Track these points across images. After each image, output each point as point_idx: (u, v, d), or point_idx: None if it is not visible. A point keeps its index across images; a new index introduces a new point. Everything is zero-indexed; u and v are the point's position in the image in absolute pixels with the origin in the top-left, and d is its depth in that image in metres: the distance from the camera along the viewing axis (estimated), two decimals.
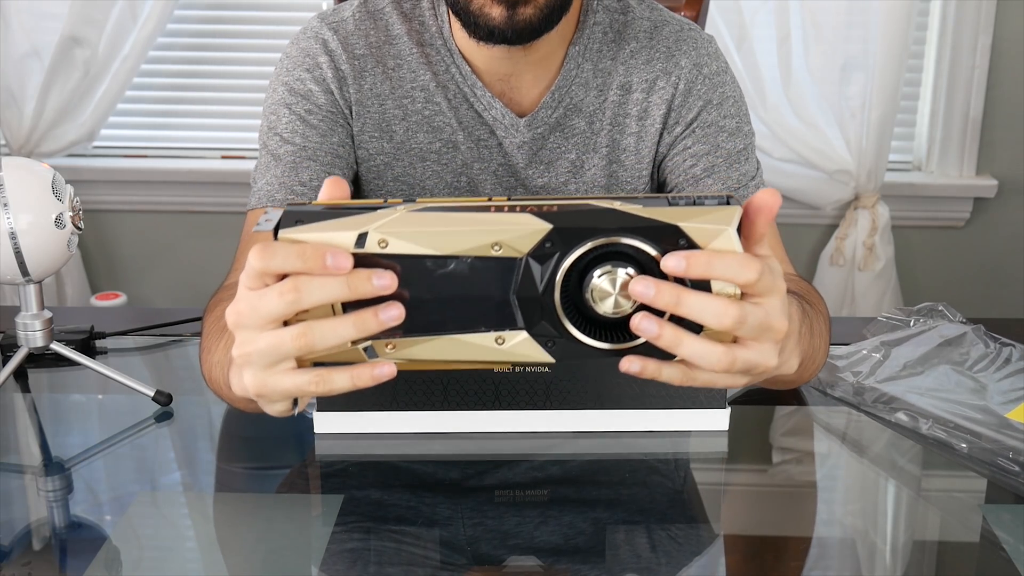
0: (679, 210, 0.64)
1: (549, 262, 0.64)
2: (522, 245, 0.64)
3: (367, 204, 0.65)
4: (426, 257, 0.64)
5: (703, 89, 1.09)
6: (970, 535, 0.86)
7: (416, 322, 0.66)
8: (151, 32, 2.25)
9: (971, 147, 2.32)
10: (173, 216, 2.42)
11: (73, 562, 0.81)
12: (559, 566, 0.79)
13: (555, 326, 0.66)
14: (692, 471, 0.95)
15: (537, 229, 0.64)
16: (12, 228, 0.95)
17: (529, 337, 0.66)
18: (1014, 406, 0.98)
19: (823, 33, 2.21)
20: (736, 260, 0.64)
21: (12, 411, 1.04)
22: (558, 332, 0.66)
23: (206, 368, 0.93)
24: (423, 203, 0.66)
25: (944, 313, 1.16)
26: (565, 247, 0.64)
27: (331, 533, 0.82)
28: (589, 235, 0.64)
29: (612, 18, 1.10)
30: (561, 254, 0.64)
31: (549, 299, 0.65)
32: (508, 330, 0.66)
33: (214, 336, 0.91)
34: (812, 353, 0.91)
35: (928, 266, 2.42)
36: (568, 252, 0.64)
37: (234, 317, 0.67)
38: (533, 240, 0.64)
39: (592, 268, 0.64)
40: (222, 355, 0.86)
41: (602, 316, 0.65)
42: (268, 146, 1.08)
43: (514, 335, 0.66)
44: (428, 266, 0.64)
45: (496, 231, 0.64)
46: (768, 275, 0.65)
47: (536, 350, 0.66)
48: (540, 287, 0.65)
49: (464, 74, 1.07)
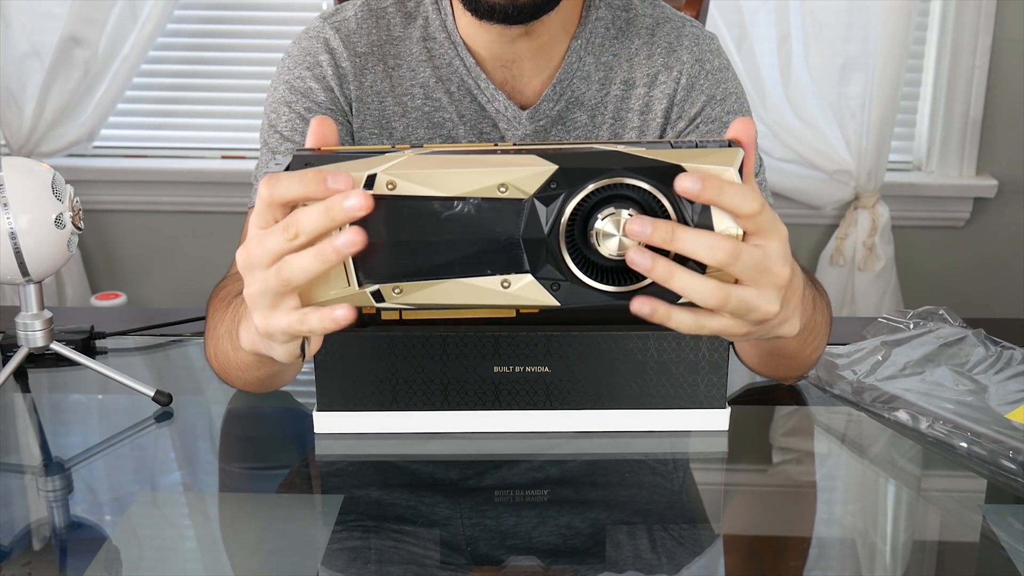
0: (682, 151, 0.65)
1: (554, 203, 0.65)
2: (528, 185, 0.65)
3: (375, 149, 0.66)
4: (433, 199, 0.65)
5: (706, 84, 1.10)
6: (970, 535, 0.86)
7: (423, 266, 0.66)
8: (151, 32, 2.25)
9: (971, 147, 2.32)
10: (173, 216, 2.42)
11: (73, 562, 0.81)
12: (558, 566, 0.79)
13: (560, 269, 0.66)
14: (692, 471, 0.95)
15: (543, 170, 0.65)
16: (12, 228, 0.95)
17: (534, 280, 0.67)
18: (1014, 407, 0.98)
19: (823, 33, 2.21)
20: (742, 190, 0.65)
21: (12, 411, 1.04)
22: (563, 275, 0.67)
23: (211, 345, 0.95)
24: (430, 148, 0.66)
25: (945, 317, 1.17)
26: (570, 187, 0.65)
27: (331, 533, 0.82)
28: (593, 175, 0.65)
29: (614, 14, 1.11)
30: (566, 195, 0.65)
31: (554, 241, 0.66)
32: (513, 273, 0.67)
33: (219, 313, 0.94)
34: (814, 327, 0.91)
35: (928, 266, 2.42)
36: (573, 193, 0.65)
37: (243, 256, 0.68)
38: (539, 180, 0.65)
39: (596, 211, 0.65)
40: (230, 322, 0.89)
41: (606, 260, 0.66)
42: (269, 144, 1.09)
43: (519, 278, 0.67)
44: (435, 208, 0.65)
45: (502, 172, 0.65)
46: (769, 214, 0.66)
47: (541, 293, 0.67)
48: (545, 228, 0.65)
49: (468, 66, 1.08)
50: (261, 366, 0.89)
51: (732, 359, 0.96)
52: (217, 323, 0.94)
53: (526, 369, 0.94)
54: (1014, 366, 1.06)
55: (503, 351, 0.93)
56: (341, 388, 0.95)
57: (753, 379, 1.09)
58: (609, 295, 0.67)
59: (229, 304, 0.92)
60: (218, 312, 0.95)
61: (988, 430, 0.94)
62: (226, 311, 0.92)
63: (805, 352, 0.97)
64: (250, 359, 0.87)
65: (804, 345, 0.94)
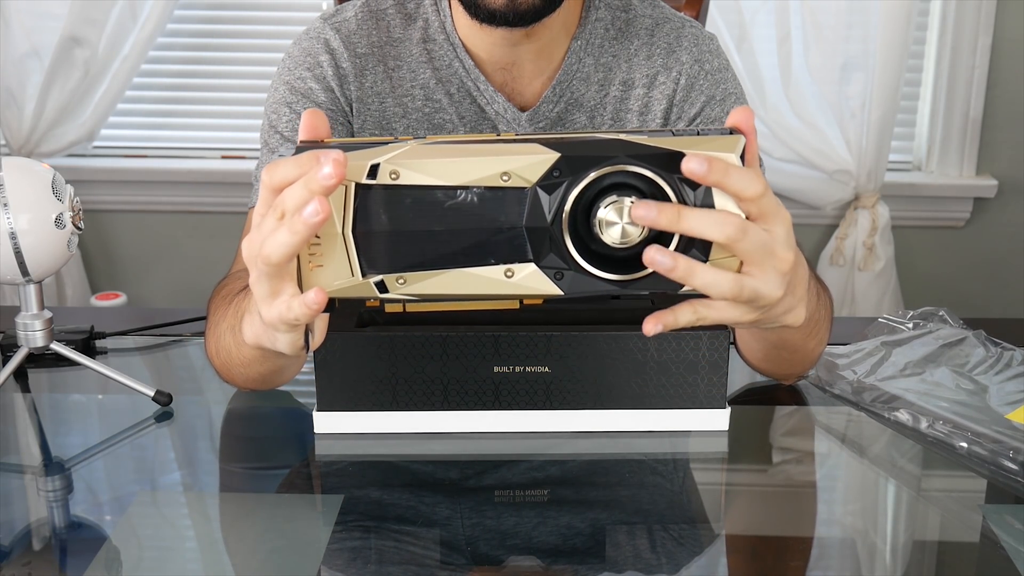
0: (684, 139, 0.65)
1: (557, 191, 0.65)
2: (530, 174, 0.65)
3: (378, 140, 0.66)
4: (436, 188, 0.65)
5: (706, 85, 1.10)
6: (970, 535, 0.86)
7: (426, 256, 0.66)
8: (151, 32, 2.25)
9: (971, 147, 2.32)
10: (173, 216, 2.42)
11: (73, 562, 0.81)
12: (558, 566, 0.79)
13: (563, 257, 0.66)
14: (692, 471, 0.95)
15: (545, 158, 0.65)
16: (12, 228, 0.95)
17: (538, 269, 0.67)
18: (1015, 407, 0.98)
19: (823, 33, 2.21)
20: (747, 173, 0.65)
21: (12, 411, 1.04)
22: (566, 263, 0.67)
23: (213, 342, 0.95)
24: (433, 139, 0.66)
25: (945, 318, 1.17)
26: (573, 175, 0.65)
27: (331, 533, 0.82)
28: (596, 163, 0.65)
29: (614, 15, 1.11)
30: (569, 183, 0.65)
31: (557, 229, 0.66)
32: (517, 263, 0.67)
33: (220, 310, 0.94)
34: (818, 320, 0.91)
35: (928, 266, 2.42)
36: (576, 181, 0.65)
37: (246, 246, 0.69)
38: (541, 169, 0.65)
39: (599, 199, 0.65)
40: (232, 318, 0.89)
41: (609, 248, 0.66)
42: (269, 144, 1.09)
43: (523, 267, 0.67)
44: (438, 197, 0.65)
45: (505, 160, 0.65)
46: (772, 199, 0.67)
47: (544, 282, 0.67)
48: (549, 217, 0.66)
49: (467, 68, 1.08)
50: (264, 361, 0.90)
51: (733, 359, 0.96)
52: (219, 320, 0.94)
53: (526, 369, 0.94)
54: (1014, 367, 1.06)
55: (503, 351, 0.93)
56: (341, 388, 0.95)
57: (753, 379, 1.09)
58: (613, 283, 0.67)
59: (231, 301, 0.92)
60: (219, 309, 0.95)
61: (988, 430, 0.94)
62: (227, 308, 0.92)
63: (809, 346, 0.97)
64: (254, 354, 0.87)
65: (808, 338, 0.94)
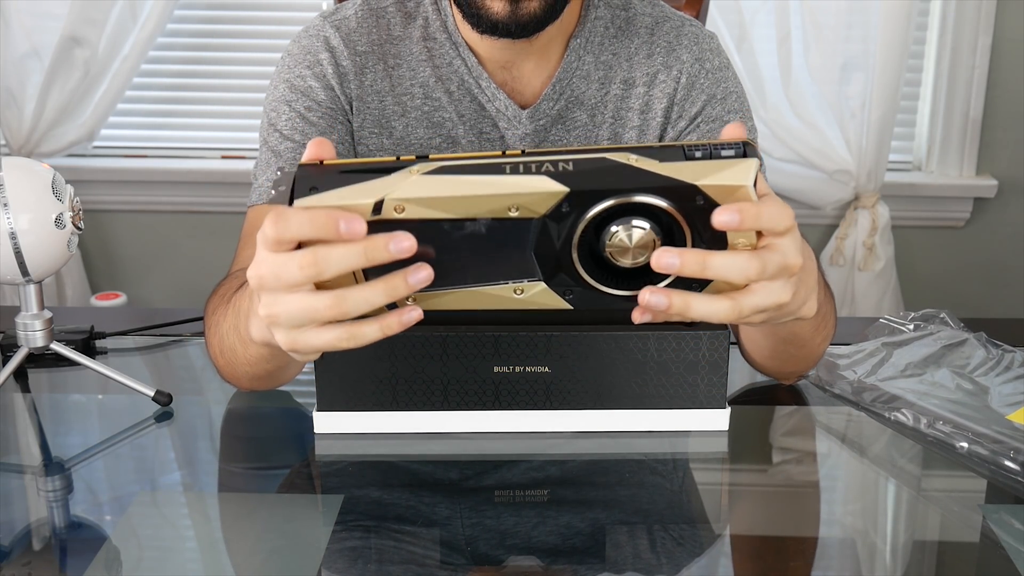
0: (696, 165, 0.64)
1: (566, 221, 0.65)
2: (539, 207, 0.64)
3: (379, 163, 0.64)
4: (443, 221, 0.65)
5: (706, 84, 1.10)
6: (970, 535, 0.86)
7: (436, 277, 0.66)
8: (151, 32, 2.25)
9: (971, 147, 2.32)
10: (173, 216, 2.42)
11: (73, 562, 0.81)
12: (558, 566, 0.79)
13: (573, 278, 0.67)
14: (692, 471, 0.95)
15: (554, 192, 0.64)
16: (12, 228, 0.95)
17: (547, 287, 0.67)
18: (1015, 408, 0.98)
19: (823, 33, 2.21)
20: (775, 210, 0.65)
21: (12, 411, 1.04)
22: (576, 282, 0.67)
23: (215, 343, 0.94)
24: (436, 159, 0.65)
25: (946, 320, 1.17)
26: (582, 208, 0.64)
27: (331, 533, 0.82)
28: (605, 196, 0.64)
29: (614, 14, 1.11)
30: (578, 214, 0.65)
31: (567, 254, 0.66)
32: (526, 281, 0.67)
33: (220, 309, 0.93)
34: (825, 314, 0.92)
35: (928, 266, 2.42)
36: (585, 212, 0.64)
37: (256, 281, 0.67)
38: (550, 202, 0.64)
39: (609, 222, 0.65)
40: (233, 318, 0.88)
41: (618, 266, 0.66)
42: (269, 142, 1.09)
43: (532, 286, 0.67)
44: (446, 229, 0.65)
45: (512, 197, 0.64)
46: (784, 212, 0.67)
47: (554, 299, 0.67)
48: (558, 244, 0.65)
49: (470, 65, 1.08)
50: (273, 358, 0.89)
51: (733, 359, 0.96)
52: (219, 320, 0.94)
53: (526, 369, 0.94)
54: (1015, 369, 1.06)
55: (503, 351, 0.93)
56: (341, 388, 0.95)
57: (753, 379, 1.09)
58: (622, 298, 0.67)
59: (229, 300, 0.91)
60: (219, 309, 0.94)
61: (989, 430, 0.94)
62: (227, 307, 0.91)
63: (815, 341, 0.97)
64: (262, 352, 0.87)
65: (816, 332, 0.95)
